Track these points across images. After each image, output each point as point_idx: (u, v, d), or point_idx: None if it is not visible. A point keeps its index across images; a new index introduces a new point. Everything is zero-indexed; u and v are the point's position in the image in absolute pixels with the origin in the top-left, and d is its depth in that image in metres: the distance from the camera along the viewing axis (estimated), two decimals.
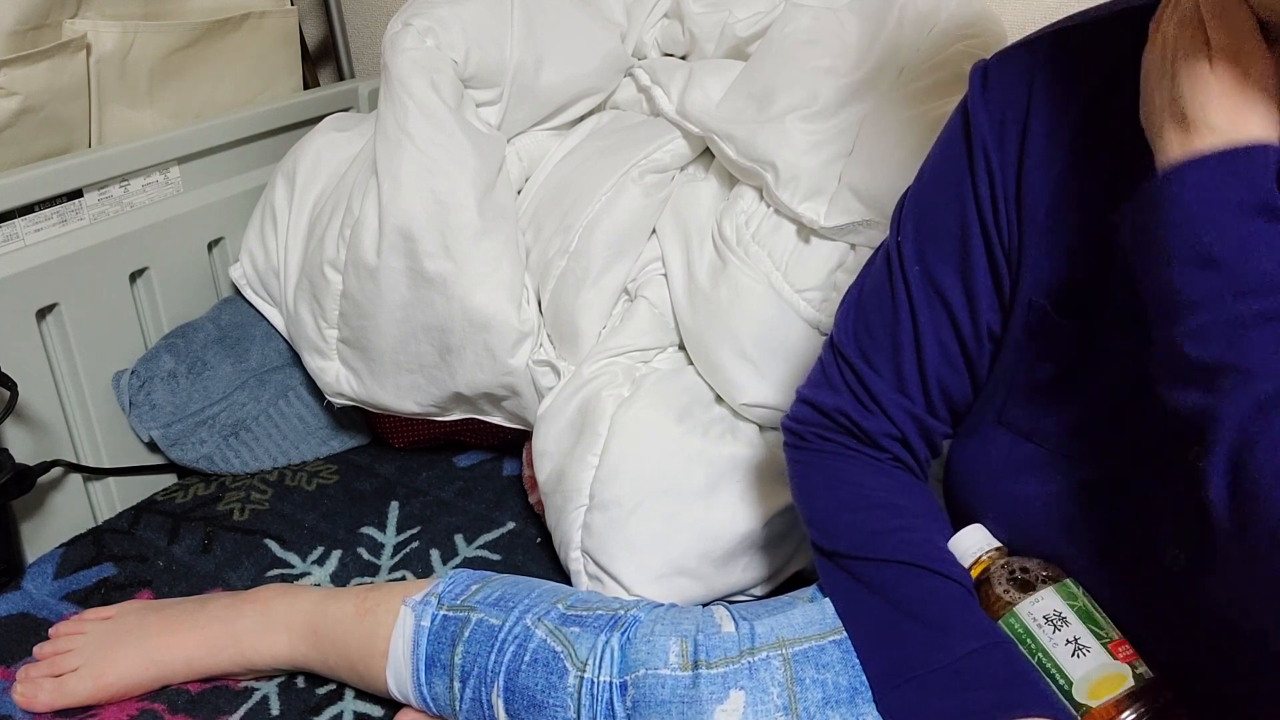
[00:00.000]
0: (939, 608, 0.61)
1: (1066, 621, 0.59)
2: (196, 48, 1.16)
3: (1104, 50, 0.59)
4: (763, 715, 0.60)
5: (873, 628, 0.63)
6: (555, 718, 0.65)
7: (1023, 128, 0.61)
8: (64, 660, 0.80)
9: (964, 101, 0.64)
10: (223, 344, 1.09)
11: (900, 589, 0.62)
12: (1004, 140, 0.62)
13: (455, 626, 0.72)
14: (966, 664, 0.58)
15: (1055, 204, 0.60)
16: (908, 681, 0.60)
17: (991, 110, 0.62)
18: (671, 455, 0.86)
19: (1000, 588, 0.62)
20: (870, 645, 0.62)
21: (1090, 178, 0.59)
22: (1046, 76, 0.61)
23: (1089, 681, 0.57)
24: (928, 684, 0.59)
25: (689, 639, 0.65)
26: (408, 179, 0.91)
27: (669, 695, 0.62)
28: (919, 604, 0.61)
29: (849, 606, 0.65)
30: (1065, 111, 0.60)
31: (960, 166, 0.64)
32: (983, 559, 0.64)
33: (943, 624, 0.60)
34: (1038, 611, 0.60)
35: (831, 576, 0.66)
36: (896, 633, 0.61)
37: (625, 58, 1.09)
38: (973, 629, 0.60)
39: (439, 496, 1.07)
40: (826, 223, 0.87)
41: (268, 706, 0.80)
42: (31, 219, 0.97)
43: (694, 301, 0.93)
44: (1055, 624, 0.59)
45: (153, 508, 1.04)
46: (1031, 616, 0.60)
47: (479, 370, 0.95)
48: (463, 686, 0.70)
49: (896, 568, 0.63)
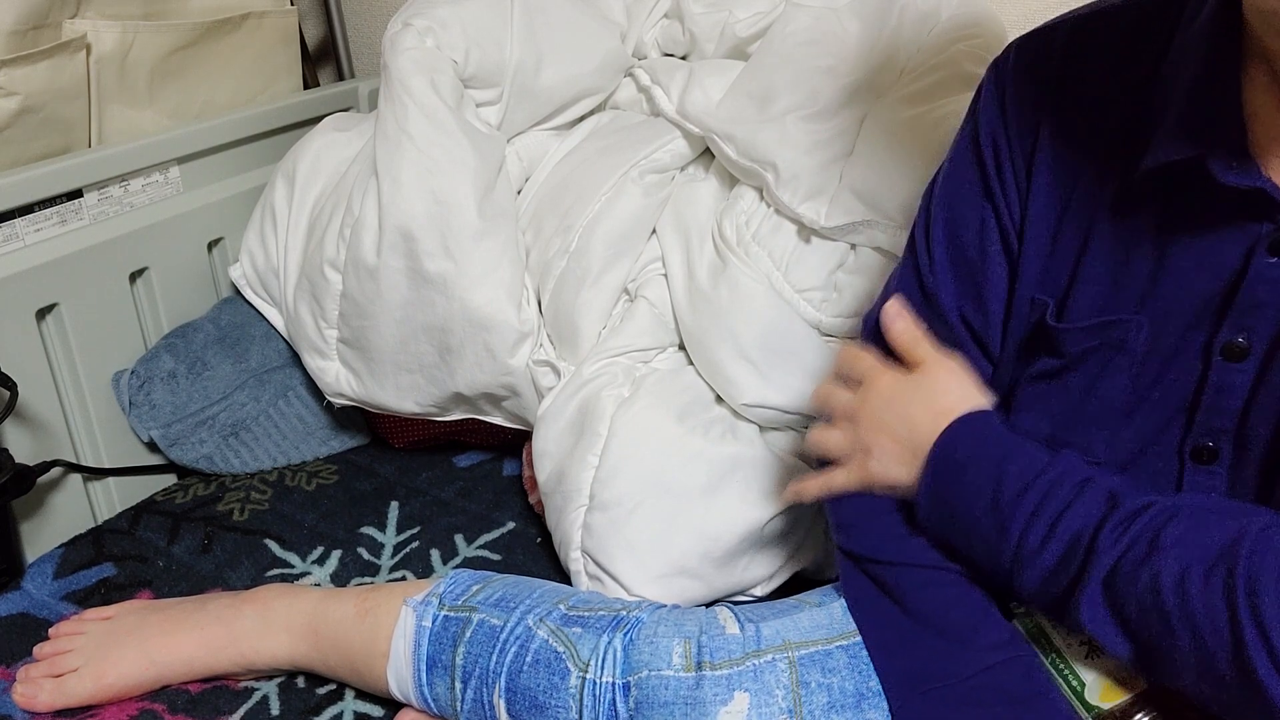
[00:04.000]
0: (961, 616, 0.61)
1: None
2: (196, 48, 1.15)
3: (1119, 42, 0.59)
4: (767, 718, 0.60)
5: (892, 636, 0.62)
6: (557, 718, 0.65)
7: (1037, 117, 0.61)
8: (64, 660, 0.80)
9: (980, 88, 0.65)
10: (223, 344, 1.09)
11: (924, 596, 0.62)
12: (1022, 127, 0.62)
13: (456, 627, 0.72)
14: (986, 678, 0.58)
15: (1063, 198, 0.60)
16: (925, 693, 0.59)
17: (1008, 97, 0.62)
18: (672, 455, 0.86)
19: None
20: (889, 653, 0.62)
21: (1097, 172, 0.59)
22: (1061, 66, 0.61)
23: (1101, 683, 0.57)
24: (946, 696, 0.59)
25: (692, 640, 0.64)
26: (408, 179, 0.91)
27: (672, 696, 0.62)
28: (940, 613, 0.61)
29: (870, 614, 0.64)
30: (1079, 103, 0.60)
31: (973, 155, 0.64)
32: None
33: (964, 635, 0.60)
34: None
35: (855, 582, 0.66)
36: (917, 643, 0.61)
37: (625, 58, 1.09)
38: (994, 640, 0.60)
39: (439, 496, 1.06)
40: (827, 223, 0.87)
41: (267, 706, 0.79)
42: (31, 219, 0.97)
43: (694, 302, 0.93)
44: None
45: (153, 508, 1.04)
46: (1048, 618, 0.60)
47: (479, 370, 0.95)
48: (464, 687, 0.70)
49: (922, 572, 0.62)
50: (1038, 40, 0.62)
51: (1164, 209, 0.55)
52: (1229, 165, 0.51)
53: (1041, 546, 0.54)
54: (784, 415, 0.89)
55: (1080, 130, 0.59)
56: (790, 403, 0.88)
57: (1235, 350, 0.53)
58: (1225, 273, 0.53)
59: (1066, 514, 0.54)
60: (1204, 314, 0.54)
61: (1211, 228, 0.53)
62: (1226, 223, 0.53)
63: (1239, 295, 0.52)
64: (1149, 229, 0.56)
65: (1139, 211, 0.56)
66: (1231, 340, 0.53)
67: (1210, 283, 0.54)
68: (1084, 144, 0.59)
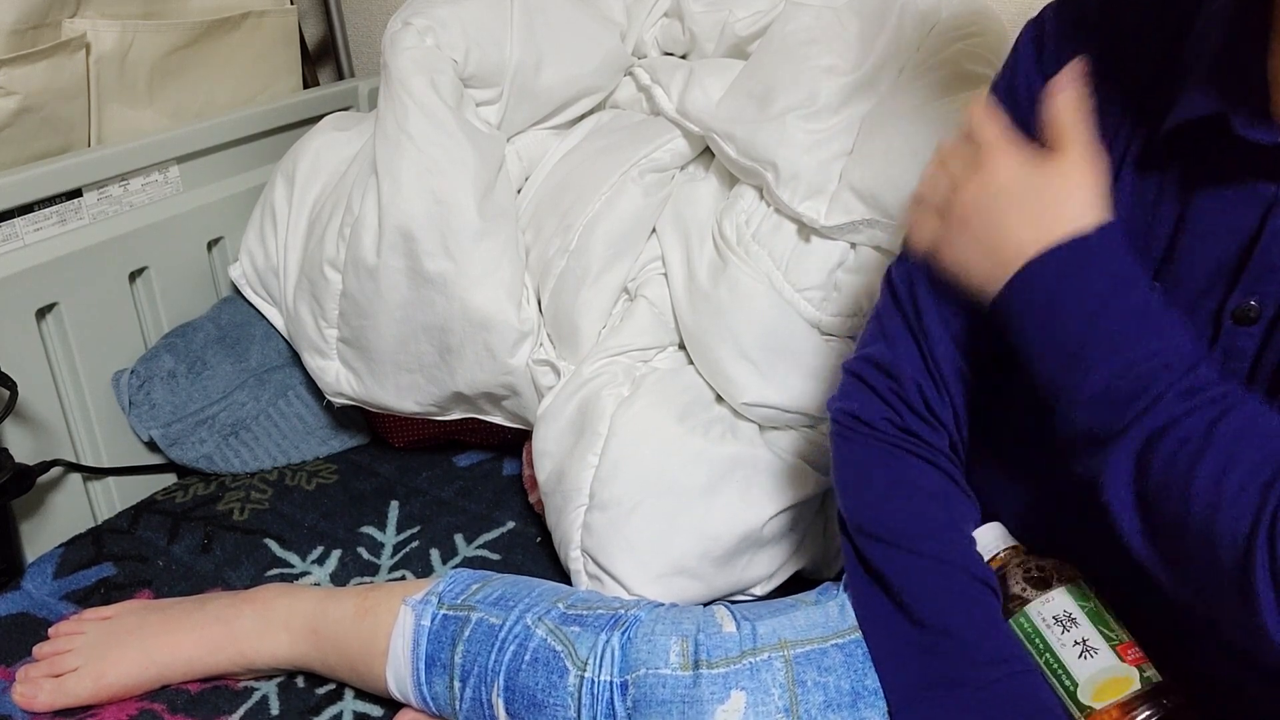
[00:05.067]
0: (968, 623, 0.60)
1: (1076, 622, 0.59)
2: (196, 47, 1.15)
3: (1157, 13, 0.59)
4: (764, 716, 0.60)
5: (896, 640, 0.62)
6: (555, 717, 0.65)
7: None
8: (64, 660, 0.80)
9: (1016, 45, 0.65)
10: (222, 343, 1.09)
11: (929, 596, 0.61)
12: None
13: (455, 626, 0.72)
14: (994, 689, 0.58)
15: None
16: (930, 699, 0.59)
17: (1046, 54, 0.62)
18: (672, 455, 0.85)
19: (1017, 586, 0.62)
20: (893, 656, 0.62)
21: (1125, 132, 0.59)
22: (1098, 19, 0.61)
23: (1094, 683, 0.57)
24: (950, 704, 0.58)
25: (690, 639, 0.64)
26: (408, 178, 0.91)
27: (669, 695, 0.62)
28: (951, 614, 0.60)
29: (872, 615, 0.64)
30: (1113, 54, 0.60)
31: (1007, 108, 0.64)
32: (999, 556, 0.64)
33: (976, 641, 0.59)
34: (1047, 612, 0.60)
35: (858, 579, 0.65)
36: (921, 647, 0.60)
37: (625, 57, 1.09)
38: (1005, 653, 0.59)
39: (439, 496, 1.06)
40: (827, 222, 0.87)
41: (267, 706, 0.79)
42: (31, 218, 0.96)
43: (694, 301, 0.93)
44: (1064, 625, 0.59)
45: (152, 507, 1.04)
46: (1041, 616, 0.60)
47: (479, 370, 0.95)
48: (463, 686, 0.70)
49: (925, 564, 0.62)
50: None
51: (1185, 171, 0.56)
52: (1251, 122, 0.51)
53: (1108, 388, 0.50)
54: (784, 414, 0.89)
55: (1112, 87, 0.60)
56: (790, 402, 0.88)
57: (1246, 314, 0.53)
58: (1241, 235, 0.53)
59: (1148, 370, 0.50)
60: (1217, 278, 0.54)
61: (1230, 189, 0.54)
62: (1244, 185, 0.53)
63: (1253, 258, 0.53)
64: (1171, 191, 0.56)
65: (1162, 173, 0.57)
66: (1243, 304, 0.53)
67: (1226, 245, 0.54)
68: (1114, 100, 0.59)
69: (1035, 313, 0.53)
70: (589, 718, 0.64)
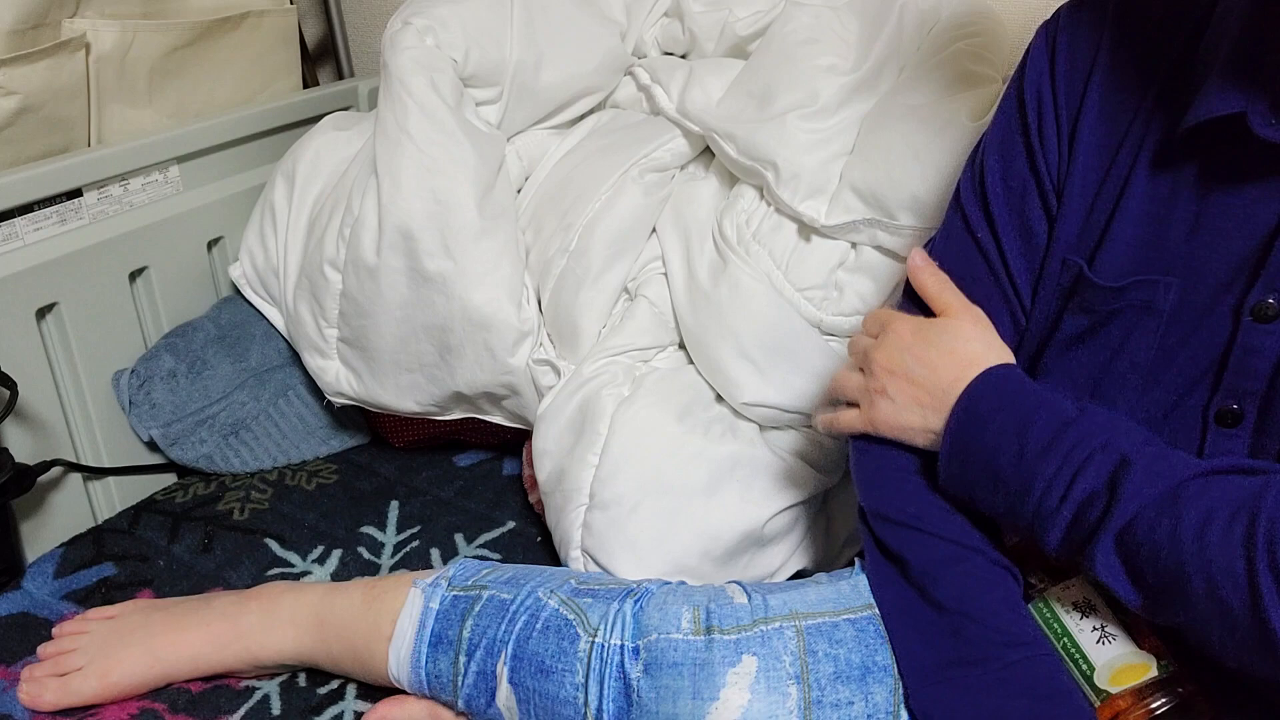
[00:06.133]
0: (987, 606, 0.60)
1: (1095, 609, 0.60)
2: (196, 47, 1.15)
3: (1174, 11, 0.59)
4: (775, 681, 0.60)
5: (914, 620, 0.62)
6: (562, 683, 0.66)
7: (1088, 67, 0.62)
8: (68, 659, 0.80)
9: (1028, 50, 0.65)
10: (222, 343, 1.09)
11: (949, 579, 0.61)
12: (1070, 85, 0.62)
13: (466, 604, 0.72)
14: (1011, 672, 0.58)
15: (1104, 161, 0.61)
16: (948, 680, 0.59)
17: (1058, 54, 0.63)
18: (672, 454, 0.86)
19: (1034, 575, 0.63)
20: (913, 638, 0.62)
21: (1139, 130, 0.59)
22: (1115, 15, 0.61)
23: (1111, 668, 0.57)
24: (967, 685, 0.59)
25: (701, 607, 0.65)
26: (408, 178, 0.91)
27: (681, 657, 0.62)
28: (971, 598, 0.61)
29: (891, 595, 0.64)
30: (1128, 51, 0.60)
31: (1017, 115, 0.65)
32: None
33: (995, 624, 0.60)
34: (1067, 598, 0.61)
35: (877, 559, 0.66)
36: (940, 629, 0.61)
37: (625, 56, 1.09)
38: (1025, 636, 0.60)
39: (439, 496, 1.07)
40: (827, 221, 0.87)
41: (268, 706, 0.80)
42: (31, 218, 0.96)
43: (694, 301, 0.93)
44: (1084, 611, 0.60)
45: (153, 507, 1.04)
46: (1061, 602, 0.61)
47: (479, 369, 0.95)
48: (468, 660, 0.70)
49: (946, 547, 0.62)
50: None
51: (1202, 169, 0.56)
52: (1268, 121, 0.51)
53: (1059, 505, 0.55)
54: (784, 414, 0.89)
55: (1127, 85, 0.60)
56: (790, 401, 0.88)
57: (1265, 311, 0.53)
58: (1260, 231, 0.53)
59: (1080, 476, 0.54)
60: (1237, 275, 0.55)
61: (1248, 187, 0.54)
62: (1263, 182, 0.53)
63: (1273, 254, 0.53)
64: (1187, 189, 0.56)
65: (1177, 171, 0.57)
66: (1262, 301, 0.53)
67: (1245, 242, 0.54)
68: (1130, 99, 0.60)
69: (979, 425, 0.59)
70: (597, 680, 0.64)
